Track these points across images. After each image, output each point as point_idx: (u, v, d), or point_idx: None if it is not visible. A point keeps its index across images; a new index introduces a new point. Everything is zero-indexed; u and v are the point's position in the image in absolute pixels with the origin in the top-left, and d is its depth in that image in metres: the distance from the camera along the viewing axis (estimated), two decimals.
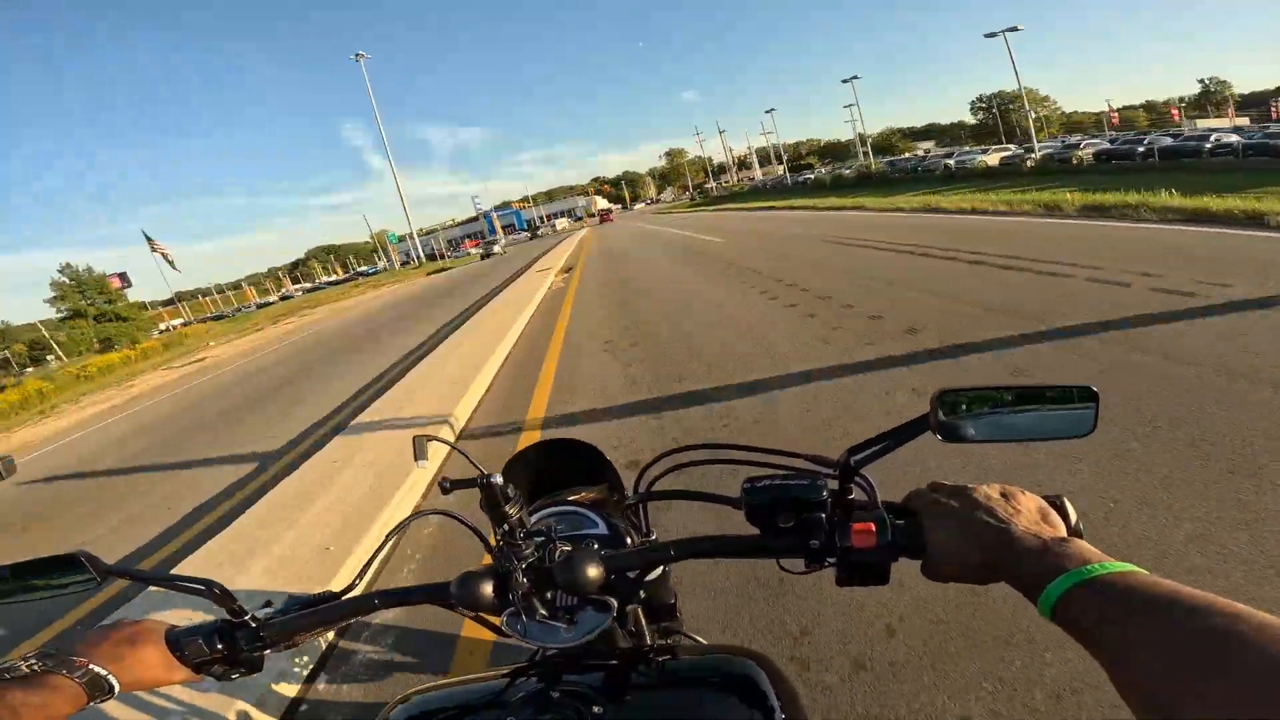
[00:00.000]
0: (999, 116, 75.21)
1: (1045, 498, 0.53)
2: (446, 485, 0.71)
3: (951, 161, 34.52)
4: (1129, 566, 0.41)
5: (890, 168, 42.13)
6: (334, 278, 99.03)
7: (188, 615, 2.27)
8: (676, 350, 5.76)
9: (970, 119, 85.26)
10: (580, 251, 23.73)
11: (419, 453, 0.79)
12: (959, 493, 0.54)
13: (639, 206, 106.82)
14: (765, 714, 0.58)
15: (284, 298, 68.14)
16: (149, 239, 45.74)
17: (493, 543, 0.65)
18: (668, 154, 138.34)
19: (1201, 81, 74.48)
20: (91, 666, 0.56)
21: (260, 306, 60.80)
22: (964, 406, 0.54)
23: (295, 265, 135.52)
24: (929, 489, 0.56)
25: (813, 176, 49.66)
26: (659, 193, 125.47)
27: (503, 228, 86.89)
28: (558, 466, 1.07)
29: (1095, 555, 0.43)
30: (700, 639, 0.93)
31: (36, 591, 0.64)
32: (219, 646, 0.63)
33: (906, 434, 0.55)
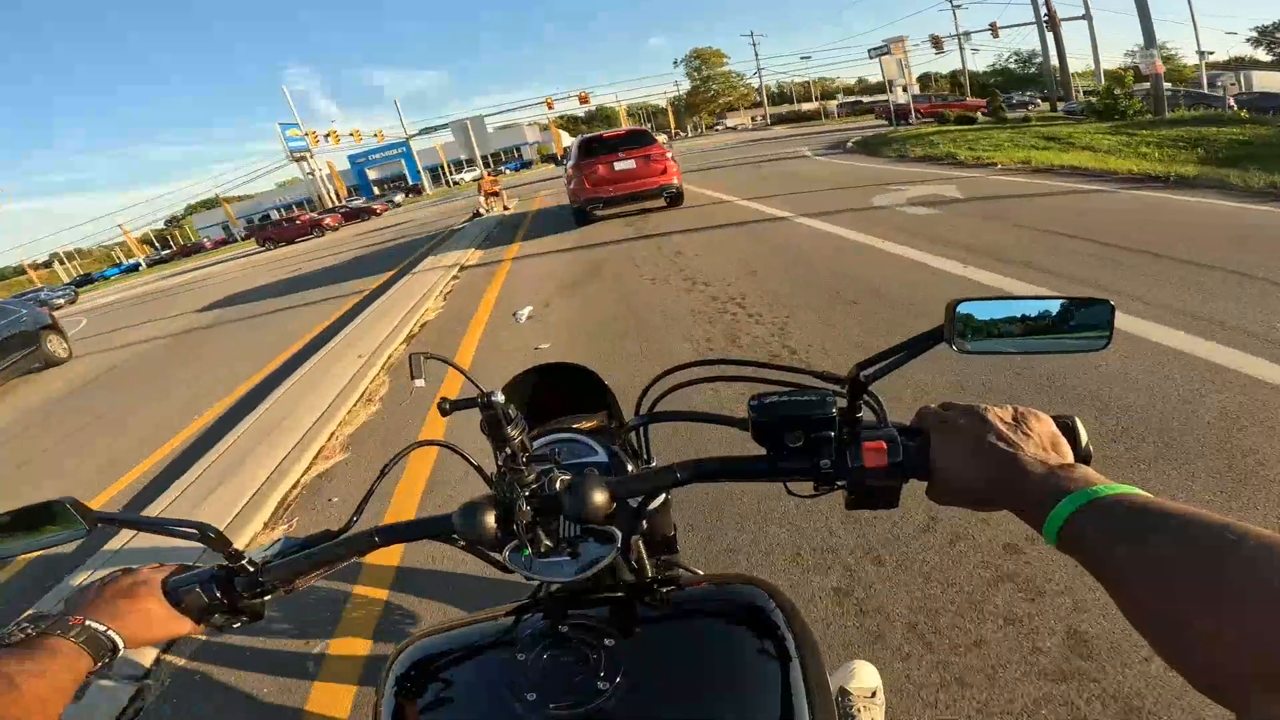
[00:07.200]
0: None
1: (1056, 418, 0.52)
2: (446, 407, 0.66)
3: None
4: (1132, 488, 0.40)
5: None
6: None
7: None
8: None
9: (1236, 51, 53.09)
10: None
11: (416, 371, 0.73)
12: (969, 413, 0.52)
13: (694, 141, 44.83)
14: (775, 639, 0.59)
15: None
16: None
17: (493, 470, 0.62)
18: (694, 56, 72.20)
19: None
20: (89, 624, 0.52)
21: None
22: (978, 317, 0.51)
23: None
24: (940, 407, 0.54)
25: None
26: (676, 126, 67.35)
27: (381, 182, 54.87)
28: (554, 393, 1.03)
29: (1098, 479, 0.42)
30: (699, 571, 0.92)
31: (26, 542, 0.61)
32: (218, 594, 0.60)
33: (919, 346, 0.52)
